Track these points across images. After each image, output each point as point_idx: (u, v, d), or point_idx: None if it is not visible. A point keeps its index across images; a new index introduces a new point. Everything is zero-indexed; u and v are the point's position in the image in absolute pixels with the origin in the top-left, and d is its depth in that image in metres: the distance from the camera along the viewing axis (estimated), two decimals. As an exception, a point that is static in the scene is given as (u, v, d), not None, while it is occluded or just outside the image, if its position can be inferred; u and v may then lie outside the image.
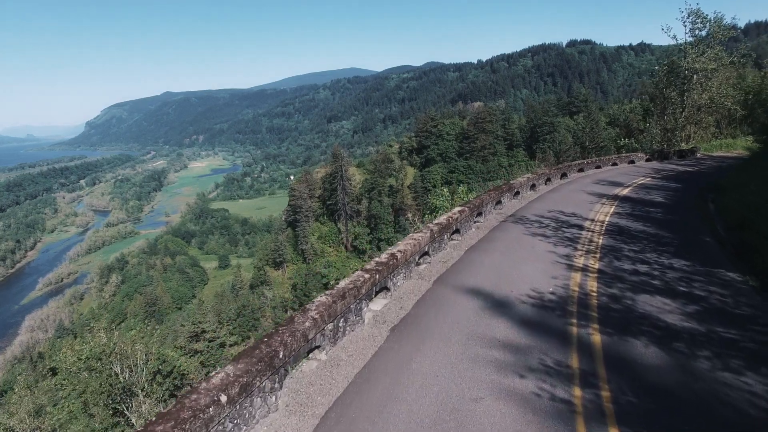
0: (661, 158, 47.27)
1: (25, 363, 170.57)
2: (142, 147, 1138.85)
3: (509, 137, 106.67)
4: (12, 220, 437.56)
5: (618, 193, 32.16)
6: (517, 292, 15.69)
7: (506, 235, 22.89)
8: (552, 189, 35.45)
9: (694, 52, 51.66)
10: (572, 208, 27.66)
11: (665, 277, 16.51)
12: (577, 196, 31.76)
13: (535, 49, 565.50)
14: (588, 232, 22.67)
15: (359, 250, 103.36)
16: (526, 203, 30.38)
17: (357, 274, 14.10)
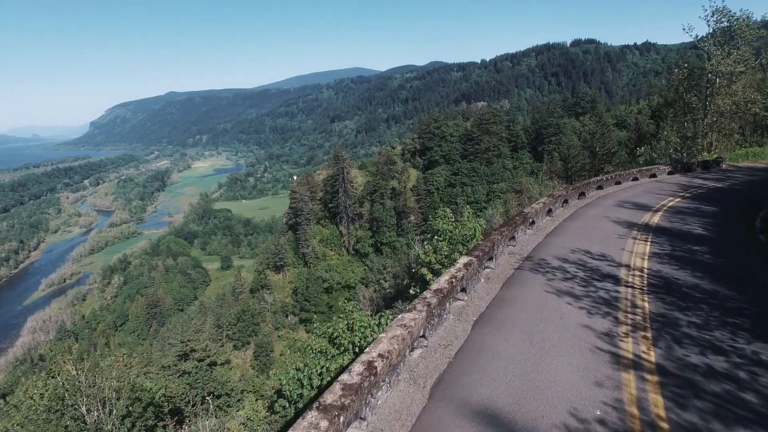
0: (684, 170, 43.28)
1: (26, 365, 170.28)
2: (146, 147, 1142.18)
3: (514, 139, 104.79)
4: (16, 220, 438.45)
5: (649, 222, 27.32)
6: (550, 418, 10.29)
7: (525, 293, 17.77)
8: (571, 215, 30.25)
9: (719, 54, 47.50)
10: (600, 246, 22.89)
11: (758, 384, 11.18)
12: (602, 226, 26.89)
13: (539, 49, 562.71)
14: (627, 288, 17.81)
15: (361, 254, 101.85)
16: (544, 237, 25.40)
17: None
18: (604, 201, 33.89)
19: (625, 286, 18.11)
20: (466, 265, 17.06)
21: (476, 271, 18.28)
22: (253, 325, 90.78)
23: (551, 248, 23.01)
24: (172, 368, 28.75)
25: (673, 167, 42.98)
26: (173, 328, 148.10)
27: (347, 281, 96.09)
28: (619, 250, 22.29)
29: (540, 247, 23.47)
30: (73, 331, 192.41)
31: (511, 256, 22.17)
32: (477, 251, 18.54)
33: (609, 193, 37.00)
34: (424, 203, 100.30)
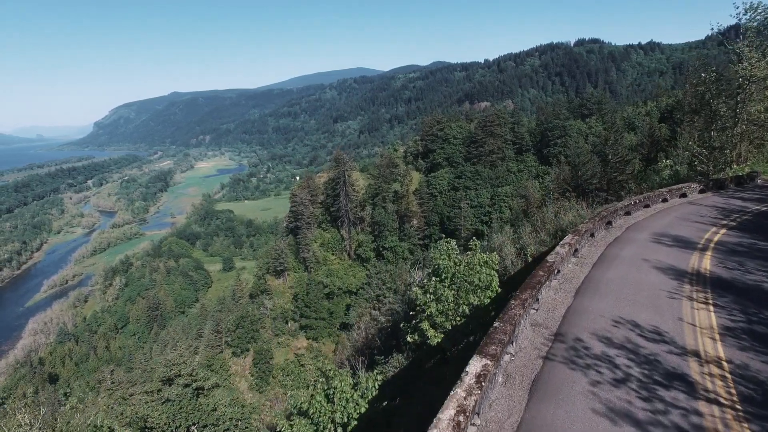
0: (716, 188, 38.74)
1: (26, 368, 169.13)
2: (150, 147, 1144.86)
3: (518, 141, 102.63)
4: (19, 221, 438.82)
5: (700, 269, 21.44)
6: None
7: (562, 417, 11.80)
8: (601, 256, 24.26)
9: (754, 56, 42.85)
10: (650, 313, 17.21)
11: None
12: (643, 277, 20.78)
13: (542, 49, 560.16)
14: (710, 406, 11.99)
15: (363, 258, 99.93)
16: (574, 295, 19.35)
17: None
18: (636, 233, 28.18)
19: (706, 401, 12.14)
20: (478, 380, 11.46)
21: (492, 378, 12.66)
22: (252, 332, 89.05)
23: (587, 318, 17.28)
24: (155, 394, 26.87)
25: (704, 185, 38.70)
26: (173, 331, 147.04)
27: (348, 286, 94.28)
28: (675, 320, 16.67)
29: (572, 314, 17.75)
30: (74, 334, 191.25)
31: (535, 331, 16.51)
32: (494, 345, 13.04)
33: (639, 221, 31.24)
34: (427, 207, 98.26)
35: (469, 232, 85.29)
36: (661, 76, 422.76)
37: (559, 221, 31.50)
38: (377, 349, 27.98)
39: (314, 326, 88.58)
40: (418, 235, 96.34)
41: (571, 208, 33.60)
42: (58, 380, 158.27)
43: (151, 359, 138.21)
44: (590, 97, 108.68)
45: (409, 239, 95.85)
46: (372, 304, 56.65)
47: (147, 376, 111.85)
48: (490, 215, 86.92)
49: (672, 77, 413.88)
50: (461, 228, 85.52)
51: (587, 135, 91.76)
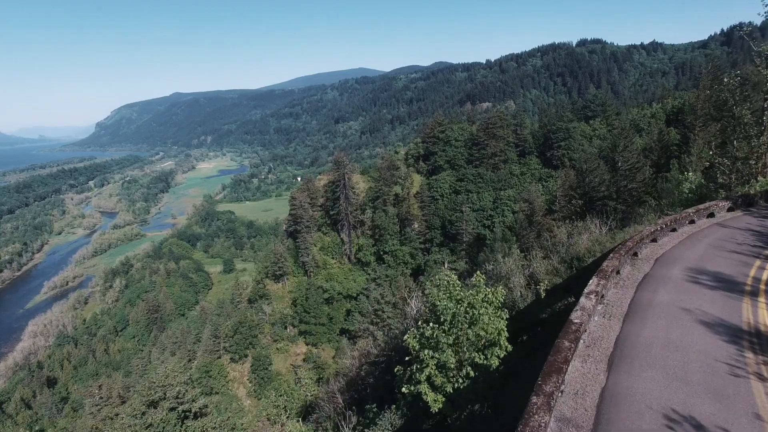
0: (745, 205, 34.71)
1: (24, 372, 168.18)
2: (151, 147, 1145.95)
3: (521, 143, 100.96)
4: (20, 222, 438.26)
5: (760, 325, 16.75)
6: None
7: None
8: (630, 304, 19.28)
9: None
10: (711, 406, 12.40)
11: None
12: (690, 341, 15.93)
13: (544, 49, 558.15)
14: None
15: (363, 263, 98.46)
16: (605, 365, 14.64)
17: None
18: (667, 269, 23.12)
19: None
20: None
21: None
22: (250, 337, 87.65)
23: (629, 410, 12.31)
24: (138, 418, 25.37)
25: (732, 202, 34.44)
26: (172, 335, 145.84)
27: (348, 291, 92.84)
28: (750, 417, 11.73)
29: (609, 402, 12.74)
30: (73, 337, 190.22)
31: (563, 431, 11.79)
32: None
33: (667, 250, 26.11)
34: (428, 210, 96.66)
35: (471, 237, 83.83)
36: (663, 77, 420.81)
37: (574, 247, 28.27)
38: (369, 386, 26.00)
39: (313, 332, 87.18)
40: (419, 239, 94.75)
41: (585, 228, 29.94)
42: (56, 384, 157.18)
43: (149, 363, 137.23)
44: (594, 99, 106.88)
45: (410, 243, 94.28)
46: (370, 318, 55.14)
47: (135, 390, 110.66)
48: (493, 219, 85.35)
49: (675, 77, 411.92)
50: (463, 232, 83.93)
51: (591, 137, 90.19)
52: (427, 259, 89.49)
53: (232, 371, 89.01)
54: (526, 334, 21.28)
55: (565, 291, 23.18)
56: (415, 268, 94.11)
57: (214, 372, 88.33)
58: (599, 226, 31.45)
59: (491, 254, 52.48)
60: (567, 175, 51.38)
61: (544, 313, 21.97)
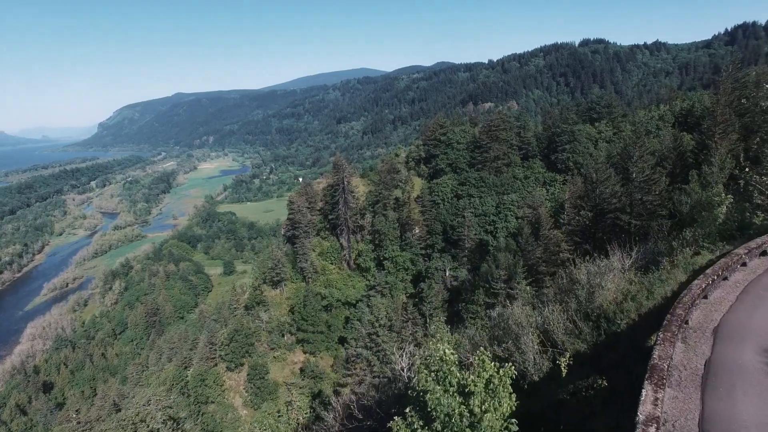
0: None
1: (20, 376, 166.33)
2: (153, 148, 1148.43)
3: (525, 146, 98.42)
4: (21, 223, 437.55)
5: None
6: None
7: None
8: (701, 424, 13.18)
9: None
10: None
11: None
12: None
13: (547, 49, 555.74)
14: None
15: (362, 268, 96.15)
16: None
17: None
18: (733, 349, 16.66)
19: None
20: None
21: None
22: (247, 346, 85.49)
23: None
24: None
25: None
26: (170, 339, 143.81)
27: (347, 298, 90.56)
28: None
29: None
30: (71, 340, 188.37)
31: None
32: None
33: (726, 314, 19.60)
34: (429, 215, 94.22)
35: (473, 243, 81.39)
36: (667, 77, 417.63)
37: (597, 295, 23.18)
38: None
39: (311, 340, 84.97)
40: (420, 245, 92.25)
41: (609, 268, 24.99)
42: (52, 389, 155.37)
43: (146, 369, 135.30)
44: (599, 100, 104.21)
45: (411, 249, 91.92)
46: (364, 342, 52.79)
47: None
48: (495, 225, 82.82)
49: (678, 77, 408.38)
50: (465, 238, 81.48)
51: (597, 140, 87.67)
52: (428, 265, 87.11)
53: (228, 380, 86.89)
54: (542, 423, 16.53)
55: (591, 363, 18.53)
56: (415, 275, 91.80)
57: (209, 381, 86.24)
58: (622, 260, 27.40)
59: (494, 265, 50.04)
60: (574, 183, 47.96)
61: (564, 392, 17.57)
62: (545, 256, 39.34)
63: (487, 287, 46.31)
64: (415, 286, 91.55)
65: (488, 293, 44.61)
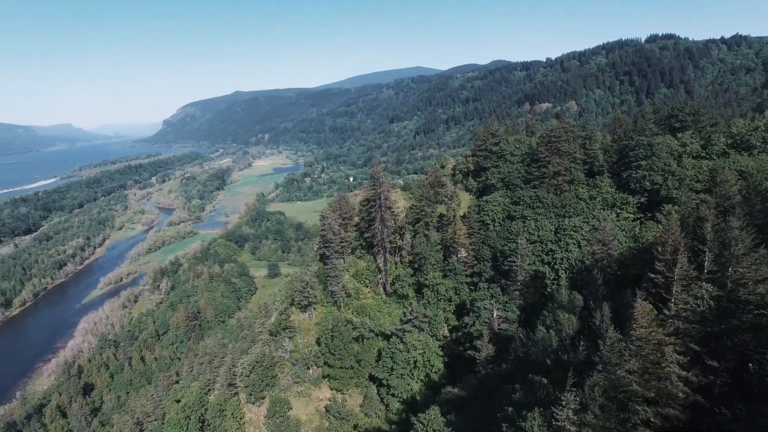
0: None
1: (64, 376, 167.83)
2: (212, 144, 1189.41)
3: (590, 160, 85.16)
4: (86, 216, 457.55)
5: None
6: None
7: None
8: None
9: None
10: None
11: None
12: None
13: (610, 46, 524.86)
14: None
15: (399, 295, 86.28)
16: None
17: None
18: None
19: None
20: None
21: None
22: (269, 378, 77.70)
23: None
24: None
25: None
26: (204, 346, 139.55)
27: (381, 328, 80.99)
28: None
29: None
30: (115, 340, 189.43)
31: None
32: None
33: None
34: (477, 238, 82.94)
35: (526, 275, 69.38)
36: (748, 74, 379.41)
37: None
38: None
39: (339, 376, 76.19)
40: (466, 272, 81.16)
41: None
42: (92, 391, 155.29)
43: (175, 382, 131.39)
44: (683, 106, 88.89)
45: (455, 276, 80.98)
46: None
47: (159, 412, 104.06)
48: (554, 254, 70.28)
49: (763, 74, 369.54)
50: (517, 269, 69.67)
51: (680, 155, 73.09)
52: (473, 296, 75.97)
53: (248, 412, 79.53)
54: None
55: None
56: (459, 305, 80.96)
57: (228, 412, 79.31)
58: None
59: (553, 328, 38.64)
60: (669, 225, 32.55)
61: None
62: (639, 368, 23.27)
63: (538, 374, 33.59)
64: (458, 317, 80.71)
65: (539, 388, 31.54)
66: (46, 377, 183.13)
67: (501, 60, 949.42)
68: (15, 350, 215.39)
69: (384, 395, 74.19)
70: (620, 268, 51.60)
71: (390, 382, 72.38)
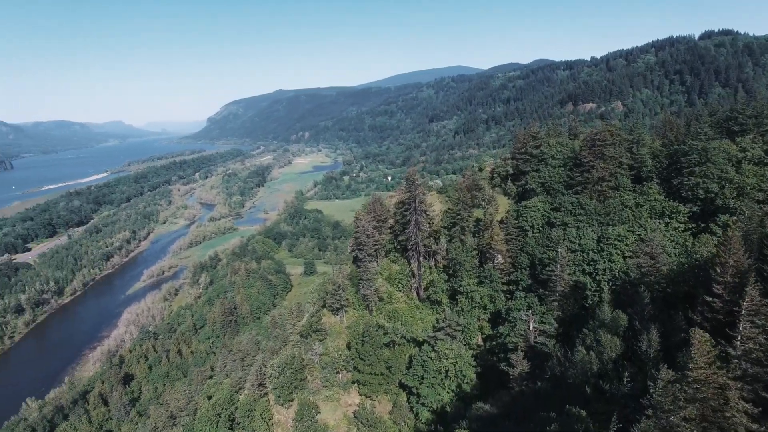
0: None
1: (106, 365, 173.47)
2: (253, 142, 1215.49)
3: (637, 166, 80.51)
4: (133, 211, 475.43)
5: None
6: None
7: None
8: None
9: None
10: None
11: None
12: None
13: (659, 44, 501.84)
14: None
15: (433, 301, 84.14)
16: None
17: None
18: None
19: None
20: None
21: None
22: (298, 380, 77.10)
23: None
24: None
25: None
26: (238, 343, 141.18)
27: (413, 334, 79.13)
28: None
29: None
30: (154, 332, 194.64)
31: None
32: None
33: None
34: (514, 245, 79.70)
35: (566, 286, 65.80)
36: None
37: None
38: None
39: (369, 382, 74.78)
40: (502, 279, 78.02)
41: None
42: (132, 380, 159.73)
43: (209, 378, 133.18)
44: (743, 108, 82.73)
45: (491, 283, 78.08)
46: None
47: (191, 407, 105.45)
48: (596, 265, 66.40)
49: None
50: (557, 278, 66.24)
51: (739, 161, 67.67)
52: (509, 305, 72.99)
53: (277, 413, 79.19)
54: None
55: None
56: (494, 313, 78.04)
57: (257, 412, 79.09)
58: None
59: (595, 350, 35.67)
60: (730, 244, 28.53)
61: None
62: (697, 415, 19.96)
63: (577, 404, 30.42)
64: (493, 326, 77.89)
65: (578, 421, 28.27)
66: (92, 364, 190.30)
67: (544, 59, 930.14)
68: (66, 336, 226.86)
69: (414, 404, 72.27)
70: (670, 284, 47.75)
71: (420, 391, 70.41)
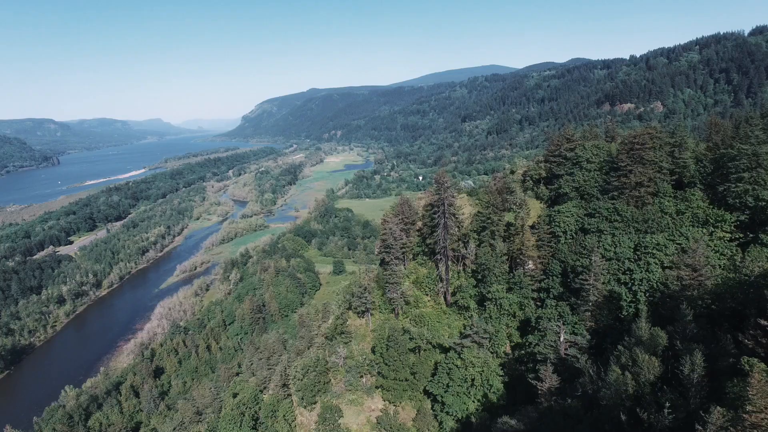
0: None
1: (138, 359, 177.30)
2: (287, 140, 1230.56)
3: (678, 170, 76.40)
4: (168, 206, 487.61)
5: None
6: None
7: None
8: None
9: None
10: None
11: None
12: None
13: (705, 41, 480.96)
14: None
15: (460, 306, 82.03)
16: None
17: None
18: None
19: None
20: None
21: None
22: (322, 383, 76.44)
23: None
24: None
25: None
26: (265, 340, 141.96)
27: (439, 340, 77.37)
28: None
29: None
30: (185, 327, 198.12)
31: None
32: None
33: None
34: (546, 251, 76.85)
35: (599, 295, 62.79)
36: None
37: None
38: None
39: (393, 387, 73.44)
40: (532, 286, 75.29)
41: None
42: (162, 374, 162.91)
43: (235, 375, 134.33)
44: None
45: (521, 289, 75.46)
46: None
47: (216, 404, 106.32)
48: (632, 274, 62.99)
49: None
50: (590, 287, 63.25)
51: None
52: (539, 314, 70.38)
53: (300, 415, 78.83)
54: None
55: None
56: (523, 321, 75.48)
57: (280, 413, 78.91)
58: None
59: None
60: None
61: None
62: None
63: None
64: (522, 334, 75.41)
65: None
66: (125, 356, 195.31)
67: (580, 58, 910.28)
68: (103, 328, 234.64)
69: (438, 412, 70.56)
70: (715, 301, 44.51)
71: (445, 399, 68.66)
